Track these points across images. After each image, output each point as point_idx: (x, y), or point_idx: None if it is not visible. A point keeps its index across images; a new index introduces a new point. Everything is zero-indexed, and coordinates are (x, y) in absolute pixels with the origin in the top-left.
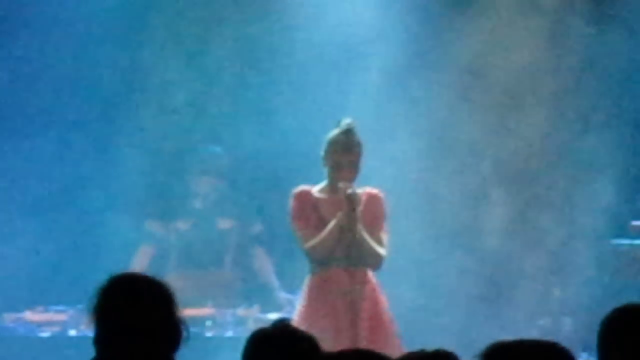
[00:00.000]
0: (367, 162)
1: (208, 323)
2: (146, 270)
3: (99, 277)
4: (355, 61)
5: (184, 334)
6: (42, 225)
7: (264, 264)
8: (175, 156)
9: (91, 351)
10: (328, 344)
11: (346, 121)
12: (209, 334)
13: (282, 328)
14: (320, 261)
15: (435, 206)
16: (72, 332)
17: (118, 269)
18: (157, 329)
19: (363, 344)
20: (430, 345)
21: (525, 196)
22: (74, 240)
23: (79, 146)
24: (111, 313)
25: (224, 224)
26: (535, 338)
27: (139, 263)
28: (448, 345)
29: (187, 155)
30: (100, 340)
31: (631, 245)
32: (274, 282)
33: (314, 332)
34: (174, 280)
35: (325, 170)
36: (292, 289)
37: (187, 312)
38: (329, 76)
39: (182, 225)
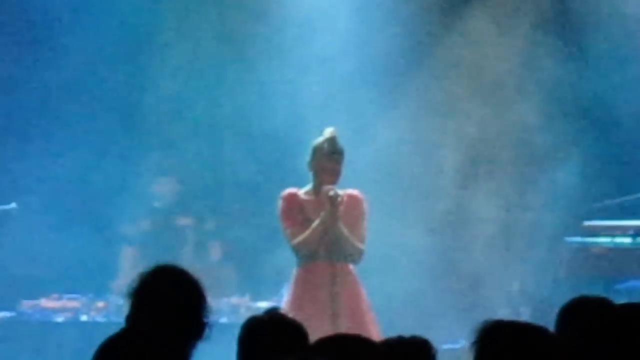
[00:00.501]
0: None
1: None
2: (132, 268)
3: (108, 271)
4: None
5: (207, 330)
6: (61, 225)
7: (219, 256)
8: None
9: (101, 336)
10: (313, 329)
11: (329, 130)
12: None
13: (272, 315)
14: (306, 255)
15: (405, 204)
16: (84, 318)
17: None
18: (184, 317)
19: (343, 329)
20: (406, 331)
21: (489, 199)
22: (88, 240)
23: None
24: (147, 296)
25: (182, 221)
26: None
27: (124, 263)
28: (422, 331)
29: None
30: (133, 318)
31: (583, 243)
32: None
33: (300, 318)
34: None
35: (310, 174)
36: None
37: None
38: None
39: (145, 224)
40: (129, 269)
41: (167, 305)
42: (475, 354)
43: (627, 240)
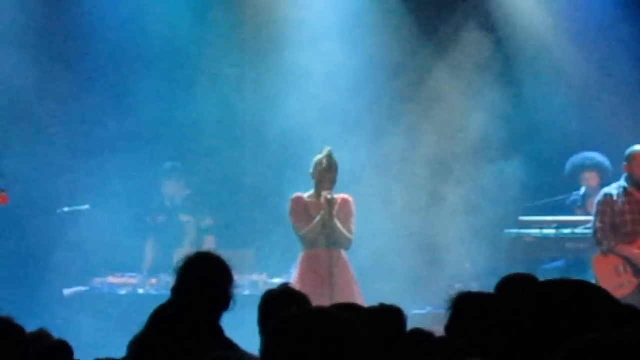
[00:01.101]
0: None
1: (234, 285)
2: (154, 256)
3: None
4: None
5: (232, 302)
6: (120, 222)
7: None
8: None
9: (153, 305)
10: (315, 300)
11: (327, 149)
12: (235, 291)
13: (284, 289)
14: (309, 243)
15: (387, 201)
16: (140, 291)
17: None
18: (216, 291)
19: (338, 300)
20: (383, 299)
21: (450, 200)
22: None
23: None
24: (188, 275)
25: (187, 218)
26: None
27: (147, 251)
28: (395, 299)
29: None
30: (177, 291)
31: (518, 234)
32: None
33: (306, 291)
34: None
35: (313, 182)
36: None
37: None
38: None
39: (161, 217)
40: (149, 253)
41: (203, 281)
42: (450, 318)
43: (552, 231)
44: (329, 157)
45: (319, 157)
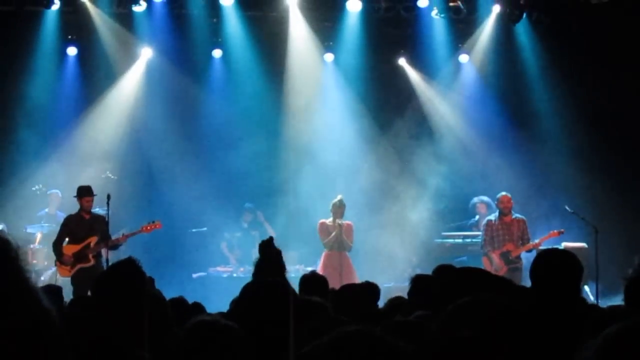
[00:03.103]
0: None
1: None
2: (234, 255)
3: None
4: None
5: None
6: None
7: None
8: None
9: (242, 283)
10: (331, 282)
11: (339, 196)
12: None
13: (313, 273)
14: (328, 248)
15: (369, 218)
16: (235, 275)
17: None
18: (276, 270)
19: (344, 280)
20: (366, 277)
21: (403, 218)
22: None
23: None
24: (262, 264)
25: (254, 232)
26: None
27: (224, 249)
28: (374, 278)
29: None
30: (255, 274)
31: (442, 241)
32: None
33: (325, 274)
34: None
35: (331, 213)
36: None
37: None
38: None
39: (238, 233)
40: (227, 253)
41: (271, 266)
42: (410, 289)
43: (460, 240)
44: (340, 201)
45: (335, 200)
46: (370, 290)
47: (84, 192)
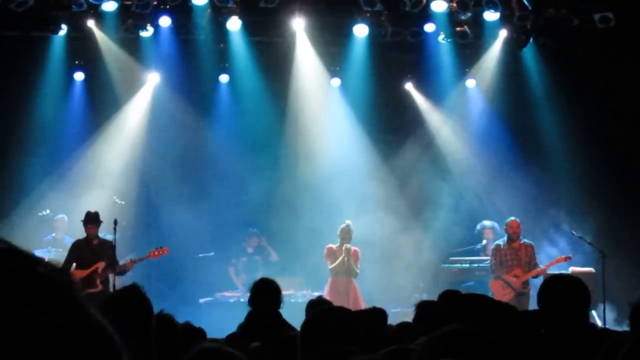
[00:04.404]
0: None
1: (292, 296)
2: (235, 278)
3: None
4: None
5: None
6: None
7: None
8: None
9: (248, 308)
10: (337, 304)
11: (347, 221)
12: (292, 300)
13: (320, 298)
14: (334, 273)
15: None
16: (242, 300)
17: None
18: (277, 301)
19: (350, 305)
20: (372, 303)
21: (409, 244)
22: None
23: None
24: (257, 290)
25: (257, 257)
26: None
27: (231, 275)
28: (380, 303)
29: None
30: (252, 301)
31: (449, 266)
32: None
33: (332, 300)
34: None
35: (338, 238)
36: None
37: (284, 292)
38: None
39: (244, 258)
40: (234, 278)
41: (268, 295)
42: (415, 314)
43: (467, 265)
44: (348, 226)
45: (343, 225)
46: (377, 315)
47: (88, 219)
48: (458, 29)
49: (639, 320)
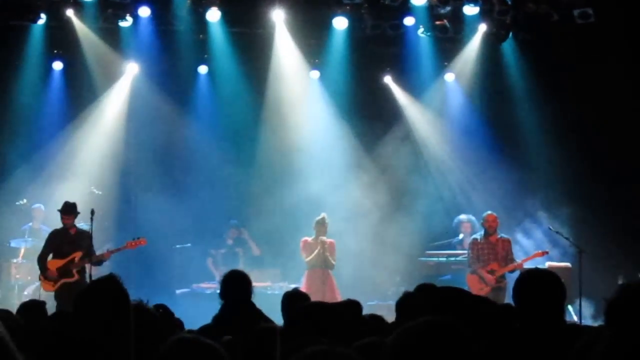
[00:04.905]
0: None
1: (268, 288)
2: (212, 267)
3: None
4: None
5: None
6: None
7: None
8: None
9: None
10: (313, 297)
11: (323, 214)
12: (269, 292)
13: (296, 290)
14: (311, 266)
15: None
16: (218, 291)
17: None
18: (245, 290)
19: (327, 298)
20: (349, 295)
21: (390, 239)
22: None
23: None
24: (228, 282)
25: (238, 249)
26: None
27: (209, 266)
28: (355, 295)
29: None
30: (222, 294)
31: (426, 260)
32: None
33: (308, 292)
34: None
35: (314, 231)
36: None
37: (261, 284)
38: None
39: (222, 250)
40: (212, 269)
41: (238, 288)
42: (397, 306)
43: (444, 259)
44: (323, 218)
45: (318, 218)
46: (351, 307)
47: (63, 209)
48: (438, 22)
49: (614, 316)
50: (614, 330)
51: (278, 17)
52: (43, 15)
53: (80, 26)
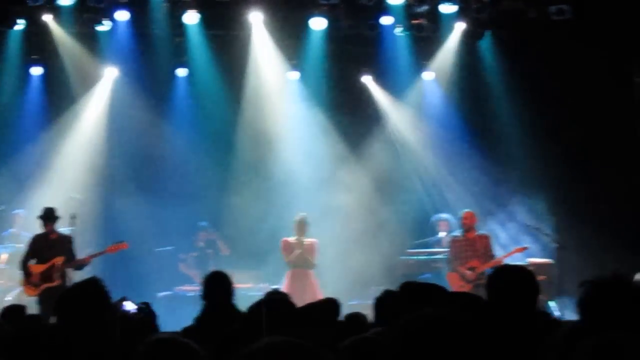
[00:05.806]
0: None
1: (249, 289)
2: (187, 271)
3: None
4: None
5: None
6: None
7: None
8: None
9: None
10: (294, 297)
11: (302, 214)
12: (250, 293)
13: (276, 291)
14: (291, 266)
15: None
16: (198, 293)
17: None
18: (227, 290)
19: (307, 297)
20: (330, 294)
21: (374, 235)
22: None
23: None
24: (211, 282)
25: (209, 251)
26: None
27: (183, 270)
28: (337, 295)
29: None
30: (204, 295)
31: (406, 258)
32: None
33: (289, 292)
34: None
35: (294, 231)
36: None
37: (242, 285)
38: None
39: (194, 253)
40: (189, 273)
41: (220, 288)
42: (375, 305)
43: (424, 257)
44: (302, 218)
45: (297, 218)
46: (329, 306)
47: (43, 216)
48: (415, 21)
49: (586, 312)
50: (586, 325)
51: (256, 18)
52: (20, 21)
53: (58, 31)
